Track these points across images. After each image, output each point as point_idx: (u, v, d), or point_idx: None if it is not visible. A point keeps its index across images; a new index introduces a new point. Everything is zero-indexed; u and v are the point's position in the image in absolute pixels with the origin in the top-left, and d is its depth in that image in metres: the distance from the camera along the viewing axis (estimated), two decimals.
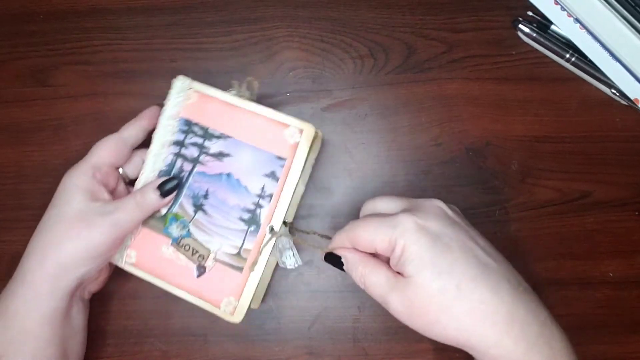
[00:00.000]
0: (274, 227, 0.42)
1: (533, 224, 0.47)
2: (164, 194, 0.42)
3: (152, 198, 0.42)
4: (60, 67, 0.50)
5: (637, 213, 0.47)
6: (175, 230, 0.43)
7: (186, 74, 0.50)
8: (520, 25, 0.48)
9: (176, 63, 0.50)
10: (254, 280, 0.42)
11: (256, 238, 0.42)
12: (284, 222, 0.43)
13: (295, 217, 0.48)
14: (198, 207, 0.43)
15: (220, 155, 0.43)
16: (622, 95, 0.47)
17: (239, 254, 0.42)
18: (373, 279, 0.35)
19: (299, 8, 0.50)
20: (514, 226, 0.47)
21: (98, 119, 0.49)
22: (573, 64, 0.47)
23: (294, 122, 0.42)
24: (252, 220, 0.42)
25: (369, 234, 0.36)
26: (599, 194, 0.47)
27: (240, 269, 0.42)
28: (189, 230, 0.43)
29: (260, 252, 0.42)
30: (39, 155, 0.49)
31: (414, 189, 0.48)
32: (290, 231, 0.43)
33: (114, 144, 0.43)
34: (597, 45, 0.45)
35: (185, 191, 0.43)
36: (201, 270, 0.42)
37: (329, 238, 0.41)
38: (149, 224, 0.43)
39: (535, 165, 0.47)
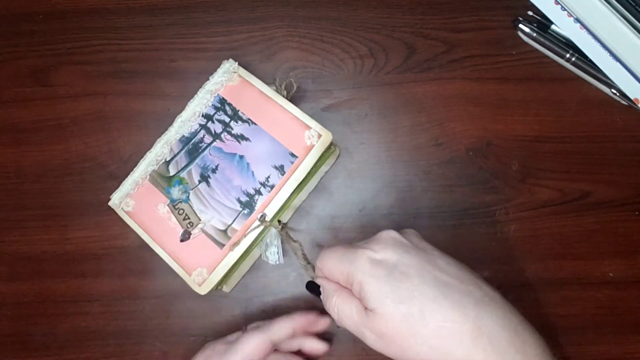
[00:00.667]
0: (266, 217, 0.43)
1: (533, 224, 0.47)
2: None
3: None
4: (60, 67, 0.50)
5: (637, 213, 0.46)
6: (176, 192, 0.45)
7: (186, 74, 0.50)
8: (521, 25, 0.48)
9: (176, 63, 0.50)
10: (230, 259, 0.43)
11: (246, 221, 0.43)
12: (278, 221, 0.44)
13: (292, 219, 0.48)
14: (204, 178, 0.45)
15: (240, 138, 0.45)
16: (622, 95, 0.47)
17: (225, 231, 0.44)
18: (346, 311, 0.36)
19: (298, 8, 0.50)
20: (514, 226, 0.47)
21: (98, 119, 0.49)
22: (573, 63, 0.47)
23: (316, 126, 0.44)
24: (248, 204, 0.44)
25: (330, 266, 0.36)
26: (599, 194, 0.47)
27: (222, 245, 0.43)
28: (188, 196, 0.45)
29: (245, 235, 0.43)
30: (39, 155, 0.49)
31: (414, 189, 0.47)
32: (282, 231, 0.44)
33: (262, 343, 0.41)
34: (598, 45, 0.45)
35: (197, 161, 0.45)
36: (185, 235, 0.44)
37: (307, 261, 0.42)
38: (154, 180, 0.45)
39: (535, 165, 0.47)
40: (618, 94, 0.47)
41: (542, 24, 0.48)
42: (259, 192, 0.44)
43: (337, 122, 0.49)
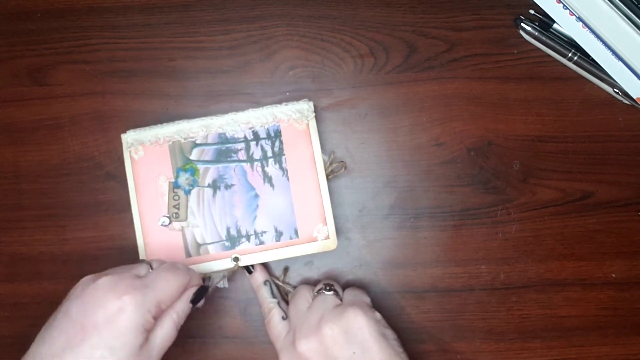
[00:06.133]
0: (239, 261, 0.43)
1: (535, 224, 0.46)
2: (195, 301, 0.40)
3: (186, 310, 0.39)
4: (57, 66, 0.50)
5: (639, 213, 0.46)
6: (183, 179, 0.44)
7: (185, 73, 0.49)
8: (523, 24, 0.47)
9: (175, 62, 0.50)
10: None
11: (221, 252, 0.43)
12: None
13: None
14: (214, 186, 0.44)
15: (268, 179, 0.44)
16: (625, 94, 0.46)
17: (199, 245, 0.43)
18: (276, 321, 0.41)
19: (298, 6, 0.50)
20: (515, 227, 0.46)
21: (95, 118, 0.49)
22: (575, 63, 0.47)
23: (331, 227, 0.44)
24: (232, 240, 0.43)
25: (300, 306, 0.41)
26: (602, 194, 0.46)
27: (189, 254, 0.43)
28: (190, 190, 0.44)
29: (213, 268, 0.43)
30: (37, 155, 0.49)
31: (414, 188, 0.47)
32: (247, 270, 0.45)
33: (181, 286, 0.39)
34: (600, 44, 0.45)
35: (220, 166, 0.44)
36: (165, 222, 0.43)
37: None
38: (173, 150, 0.45)
39: (537, 165, 0.47)
40: (620, 94, 0.47)
41: (544, 22, 0.48)
42: (247, 238, 0.44)
43: (337, 122, 0.48)
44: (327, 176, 0.45)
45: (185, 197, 0.44)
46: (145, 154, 0.44)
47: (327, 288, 0.41)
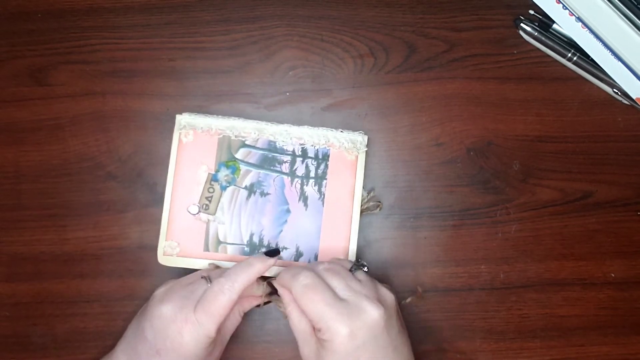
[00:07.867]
0: None
1: (534, 224, 0.46)
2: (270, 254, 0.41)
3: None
4: (58, 66, 0.50)
5: (639, 213, 0.46)
6: (223, 174, 0.44)
7: (185, 73, 0.49)
8: (522, 24, 0.47)
9: (175, 62, 0.50)
10: (199, 266, 0.44)
11: (238, 255, 0.44)
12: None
13: None
14: (250, 190, 0.44)
15: (304, 199, 0.44)
16: (624, 94, 0.46)
17: (220, 243, 0.44)
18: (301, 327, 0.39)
19: (298, 7, 0.50)
20: (515, 226, 0.46)
21: (96, 118, 0.49)
22: (575, 63, 0.47)
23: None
24: (253, 247, 0.44)
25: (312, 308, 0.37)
26: (601, 194, 0.46)
27: (207, 249, 0.44)
28: (227, 187, 0.44)
29: (227, 260, 0.43)
30: (37, 155, 0.49)
31: (414, 188, 0.47)
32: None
33: (231, 302, 0.38)
34: (599, 44, 0.45)
35: (262, 172, 0.44)
36: (194, 211, 0.44)
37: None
38: (221, 144, 0.45)
39: (536, 165, 0.47)
40: (620, 94, 0.47)
41: (544, 23, 0.48)
42: (271, 253, 0.43)
43: (337, 122, 0.48)
44: (361, 212, 0.45)
45: (219, 192, 0.44)
46: (195, 140, 0.44)
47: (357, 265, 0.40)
